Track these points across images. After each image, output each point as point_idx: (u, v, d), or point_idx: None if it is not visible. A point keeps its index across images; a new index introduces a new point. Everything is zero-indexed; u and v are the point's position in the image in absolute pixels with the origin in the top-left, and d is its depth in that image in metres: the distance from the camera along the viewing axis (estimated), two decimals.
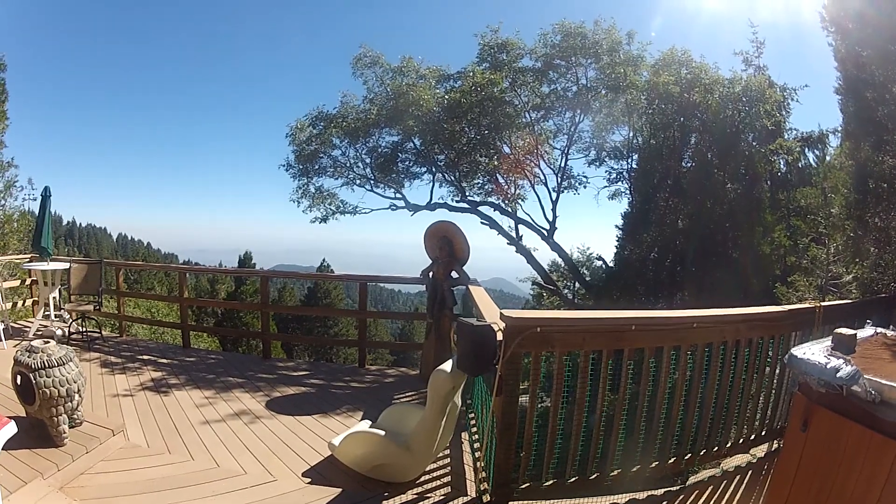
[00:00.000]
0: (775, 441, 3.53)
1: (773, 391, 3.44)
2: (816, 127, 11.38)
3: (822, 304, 3.46)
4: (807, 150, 11.09)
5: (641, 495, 2.98)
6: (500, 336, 2.48)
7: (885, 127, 4.62)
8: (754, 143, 10.38)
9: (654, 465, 2.95)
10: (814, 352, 1.88)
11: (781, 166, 10.95)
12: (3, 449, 2.74)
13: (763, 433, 3.44)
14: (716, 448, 3.18)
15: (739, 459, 3.43)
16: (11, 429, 2.61)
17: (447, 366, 2.79)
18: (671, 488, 3.07)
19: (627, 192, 12.32)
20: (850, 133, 5.59)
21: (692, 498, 3.01)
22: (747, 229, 9.78)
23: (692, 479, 3.27)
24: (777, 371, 3.40)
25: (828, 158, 9.89)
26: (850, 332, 1.96)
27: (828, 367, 1.74)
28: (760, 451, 3.51)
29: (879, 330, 2.24)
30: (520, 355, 2.47)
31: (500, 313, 2.50)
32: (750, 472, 3.32)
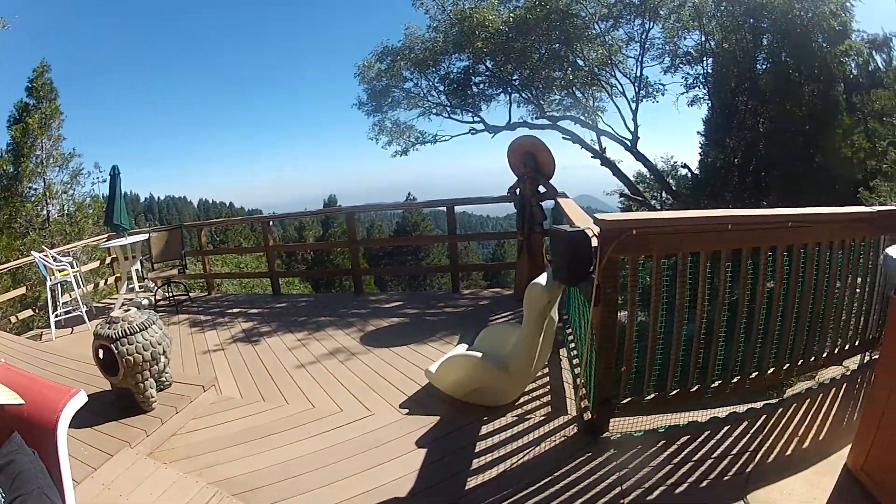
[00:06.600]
0: (867, 353, 3.39)
1: (865, 299, 3.29)
2: (880, 31, 10.76)
3: None
4: (874, 52, 10.62)
5: (741, 408, 2.89)
6: (594, 242, 2.37)
7: None
8: (824, 45, 10.00)
9: (753, 375, 2.85)
10: None
11: (853, 69, 10.49)
12: (89, 426, 2.65)
13: (856, 343, 3.29)
14: (812, 358, 3.06)
15: (833, 371, 3.29)
16: (81, 398, 2.32)
17: (542, 279, 2.68)
18: (770, 401, 2.97)
19: (706, 97, 12.13)
20: None
21: (791, 410, 2.90)
22: (827, 132, 9.45)
23: (789, 392, 3.17)
24: (868, 279, 3.25)
25: (894, 62, 9.46)
26: None
27: None
28: (853, 363, 3.37)
29: None
30: (616, 261, 2.36)
31: (594, 217, 2.39)
32: (844, 384, 3.17)
